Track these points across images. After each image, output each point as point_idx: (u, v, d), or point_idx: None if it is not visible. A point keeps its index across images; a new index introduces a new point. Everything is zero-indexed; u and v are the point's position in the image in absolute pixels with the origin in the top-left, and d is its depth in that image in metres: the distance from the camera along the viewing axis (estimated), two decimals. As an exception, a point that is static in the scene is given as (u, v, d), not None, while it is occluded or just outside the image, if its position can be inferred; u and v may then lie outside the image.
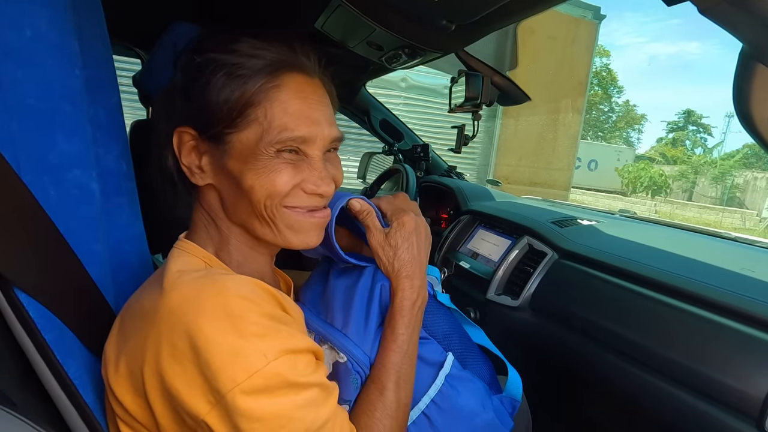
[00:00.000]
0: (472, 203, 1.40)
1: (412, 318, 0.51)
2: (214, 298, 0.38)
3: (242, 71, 0.44)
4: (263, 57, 0.44)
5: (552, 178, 7.14)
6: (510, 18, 0.79)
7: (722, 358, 0.65)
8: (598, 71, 23.57)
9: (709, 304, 0.71)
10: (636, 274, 0.83)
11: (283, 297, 0.45)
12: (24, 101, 0.40)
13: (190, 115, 0.45)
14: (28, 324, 0.38)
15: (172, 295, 0.38)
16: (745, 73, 0.43)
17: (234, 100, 0.43)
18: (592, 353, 0.82)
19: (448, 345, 0.58)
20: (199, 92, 0.44)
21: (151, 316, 0.39)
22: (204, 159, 0.46)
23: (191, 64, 0.45)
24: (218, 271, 0.43)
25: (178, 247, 0.47)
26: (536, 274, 1.00)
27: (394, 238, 0.52)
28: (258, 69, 0.44)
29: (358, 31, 0.96)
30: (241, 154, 0.44)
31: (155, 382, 0.38)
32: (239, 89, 0.43)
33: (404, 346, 0.49)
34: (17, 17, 0.38)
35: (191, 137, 0.45)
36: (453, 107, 1.13)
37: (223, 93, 0.43)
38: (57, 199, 0.45)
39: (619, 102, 27.57)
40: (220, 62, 0.43)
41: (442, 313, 0.61)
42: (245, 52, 0.44)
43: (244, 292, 0.39)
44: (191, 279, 0.40)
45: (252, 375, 0.36)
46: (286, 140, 0.44)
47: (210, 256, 0.47)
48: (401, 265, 0.51)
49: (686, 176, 19.49)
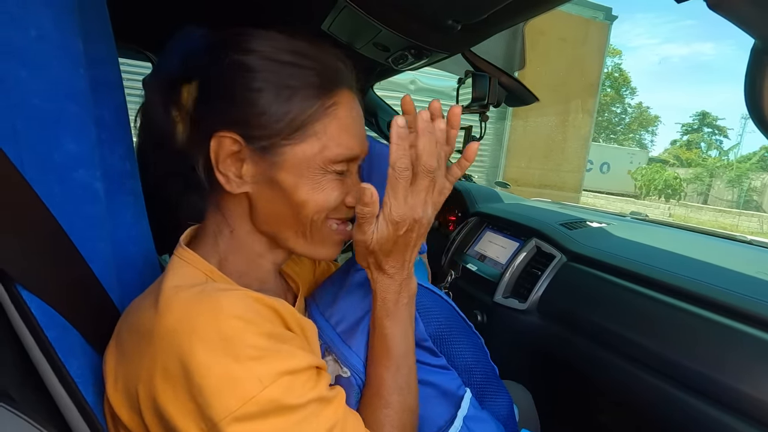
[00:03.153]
0: (479, 205, 1.39)
1: (398, 309, 0.47)
2: (208, 320, 0.36)
3: (300, 83, 0.42)
4: (319, 68, 0.43)
5: (562, 180, 7.07)
6: (516, 18, 0.79)
7: (737, 364, 0.63)
8: (610, 72, 23.33)
9: (723, 308, 0.69)
10: (647, 278, 0.81)
11: (285, 309, 0.42)
12: (29, 101, 0.41)
13: (234, 120, 0.42)
14: (30, 321, 0.38)
15: (166, 315, 0.37)
16: (757, 70, 0.41)
17: (294, 115, 0.42)
18: (602, 358, 0.80)
19: (468, 379, 0.56)
20: (249, 98, 0.42)
21: (147, 335, 0.37)
22: (246, 167, 0.43)
23: (234, 63, 0.42)
24: (216, 287, 0.40)
25: (179, 256, 0.45)
26: (544, 277, 0.98)
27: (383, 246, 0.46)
28: (317, 84, 0.43)
29: (364, 33, 0.96)
30: (295, 167, 0.43)
31: (149, 403, 0.37)
32: (300, 104, 0.42)
33: (400, 347, 0.46)
34: (22, 17, 0.39)
35: (235, 143, 0.42)
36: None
37: (281, 105, 0.42)
38: (62, 197, 0.45)
39: (632, 104, 27.28)
40: (272, 68, 0.42)
41: (467, 342, 0.58)
42: (298, 62, 0.43)
43: (240, 311, 0.37)
44: (186, 298, 0.38)
45: (246, 402, 0.34)
46: (344, 158, 0.44)
47: (212, 268, 0.45)
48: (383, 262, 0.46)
49: (701, 179, 19.16)
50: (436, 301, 0.57)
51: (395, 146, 0.40)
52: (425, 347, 0.52)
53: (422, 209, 0.42)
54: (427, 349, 0.52)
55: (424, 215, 0.43)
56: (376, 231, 0.43)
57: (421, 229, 0.44)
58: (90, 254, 0.46)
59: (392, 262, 0.45)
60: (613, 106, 25.72)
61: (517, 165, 6.52)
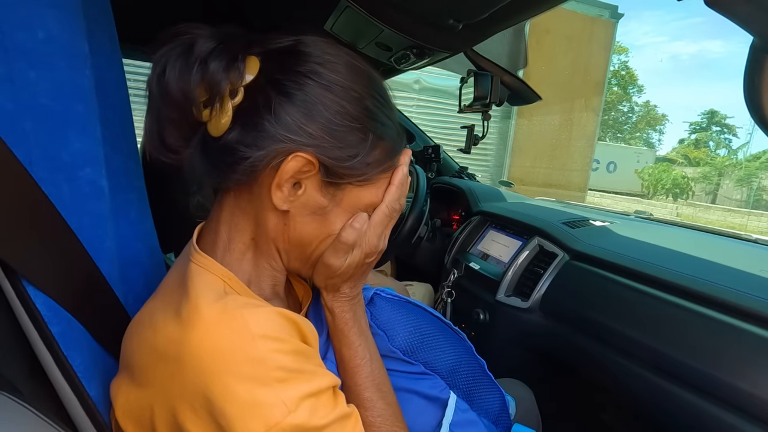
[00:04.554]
0: (482, 204, 1.39)
1: (357, 322, 0.49)
2: (235, 343, 0.35)
3: (391, 136, 0.43)
4: (395, 118, 0.45)
5: (567, 179, 7.03)
6: (518, 16, 0.79)
7: (739, 362, 0.63)
8: (616, 71, 23.13)
9: (725, 306, 0.69)
10: (650, 276, 0.81)
11: (302, 321, 0.41)
12: (37, 101, 0.42)
13: (322, 147, 0.39)
14: (34, 316, 0.39)
15: (191, 338, 0.35)
16: (755, 67, 0.41)
17: (378, 165, 0.43)
18: (604, 356, 0.80)
19: (453, 381, 0.56)
20: (337, 131, 0.40)
21: (169, 359, 0.36)
22: (304, 191, 0.41)
23: (341, 96, 0.40)
24: (238, 302, 0.38)
25: (196, 263, 0.42)
26: (547, 276, 0.98)
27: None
28: (400, 142, 0.45)
29: (366, 33, 0.97)
30: (350, 206, 0.44)
31: (167, 417, 0.36)
32: (386, 162, 0.44)
33: (366, 354, 0.48)
34: (30, 19, 0.40)
35: (311, 167, 0.40)
36: (462, 107, 1.13)
37: (370, 153, 0.42)
38: (70, 195, 0.46)
39: (639, 102, 27.01)
40: (374, 116, 0.42)
41: (448, 345, 0.58)
42: (390, 115, 0.44)
43: (267, 328, 0.36)
44: (210, 319, 0.36)
45: (270, 428, 0.34)
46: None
47: (229, 274, 0.42)
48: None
49: (710, 178, 18.94)
50: (405, 311, 0.57)
51: (397, 190, 0.45)
52: (396, 358, 0.53)
53: (385, 241, 0.47)
54: (398, 360, 0.53)
55: (384, 246, 0.47)
56: (349, 258, 0.45)
57: (378, 257, 0.48)
58: (96, 252, 0.47)
59: (350, 284, 0.48)
60: (620, 105, 25.52)
61: (522, 164, 6.49)
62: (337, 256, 0.44)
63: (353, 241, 0.44)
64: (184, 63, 0.36)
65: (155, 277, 0.61)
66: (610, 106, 24.09)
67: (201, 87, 0.37)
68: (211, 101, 0.37)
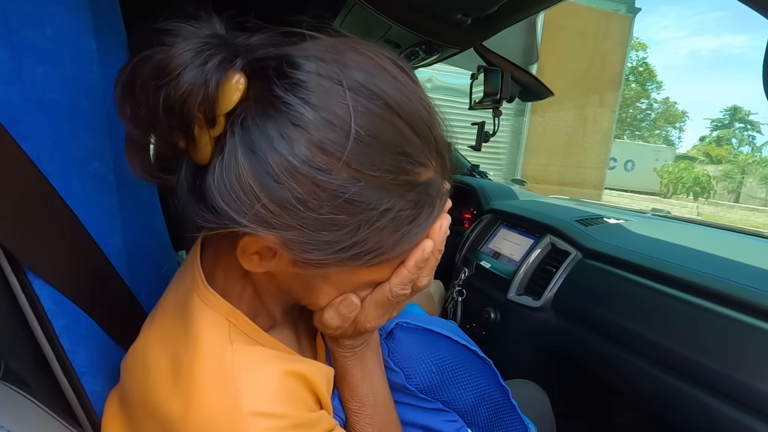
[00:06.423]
0: (494, 202, 1.37)
1: (361, 365, 0.44)
2: (223, 420, 0.32)
3: (418, 215, 0.33)
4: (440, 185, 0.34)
5: (583, 177, 6.91)
6: (528, 10, 0.77)
7: (759, 362, 0.60)
8: (634, 67, 22.65)
9: (745, 305, 0.67)
10: (665, 275, 0.79)
11: (312, 374, 0.36)
12: (45, 96, 0.43)
13: (277, 227, 0.29)
14: (37, 310, 0.40)
15: (180, 406, 0.32)
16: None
17: (380, 259, 0.33)
18: (617, 356, 0.78)
19: (473, 419, 0.54)
20: (308, 219, 0.29)
21: (156, 416, 0.34)
22: (276, 262, 0.33)
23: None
24: (243, 357, 0.34)
25: (201, 298, 0.36)
26: (559, 274, 0.96)
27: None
28: (435, 211, 0.34)
29: (375, 30, 0.96)
30: (341, 284, 0.36)
31: None
32: (395, 249, 0.33)
33: (369, 396, 0.44)
34: (37, 15, 0.41)
35: (267, 249, 0.32)
36: (473, 104, 1.11)
37: (383, 234, 0.31)
38: (79, 189, 0.47)
39: (658, 99, 26.41)
40: (404, 188, 0.31)
41: (471, 376, 0.54)
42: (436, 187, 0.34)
43: (264, 404, 0.32)
44: (206, 383, 0.32)
45: None
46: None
47: (234, 312, 0.37)
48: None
49: (732, 176, 18.40)
50: (428, 342, 0.54)
51: (410, 274, 0.36)
52: (410, 392, 0.51)
53: (386, 320, 0.40)
54: (412, 394, 0.51)
55: (382, 324, 0.41)
56: (340, 330, 0.40)
57: (375, 332, 0.42)
58: (105, 245, 0.48)
59: (350, 340, 0.43)
60: (638, 102, 24.97)
61: (536, 162, 6.40)
62: (324, 326, 0.39)
63: (336, 326, 0.38)
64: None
65: (168, 272, 0.62)
66: (627, 102, 23.60)
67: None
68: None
